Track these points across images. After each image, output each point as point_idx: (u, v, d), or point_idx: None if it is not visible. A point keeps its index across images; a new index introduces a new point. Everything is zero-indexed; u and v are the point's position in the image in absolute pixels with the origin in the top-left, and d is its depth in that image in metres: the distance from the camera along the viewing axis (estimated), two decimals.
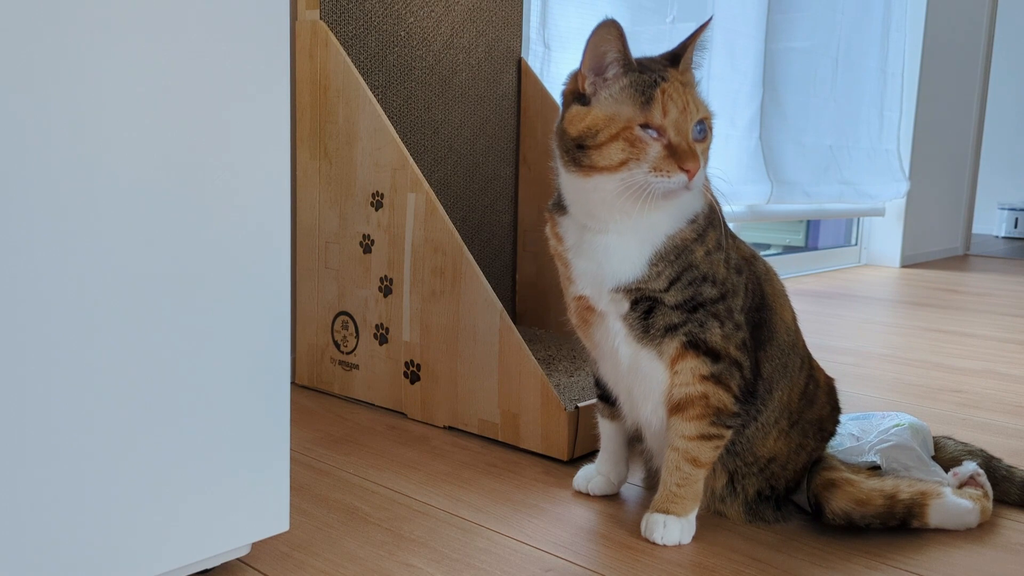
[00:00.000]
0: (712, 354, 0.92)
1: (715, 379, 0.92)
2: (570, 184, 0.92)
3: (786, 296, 1.03)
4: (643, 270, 0.91)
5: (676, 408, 0.94)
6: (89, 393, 0.68)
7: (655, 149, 0.84)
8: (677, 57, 0.90)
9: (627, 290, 0.92)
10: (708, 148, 0.89)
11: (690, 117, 0.86)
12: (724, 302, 0.92)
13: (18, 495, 0.65)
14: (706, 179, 0.95)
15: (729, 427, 0.94)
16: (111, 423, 0.70)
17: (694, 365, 0.92)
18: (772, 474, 1.00)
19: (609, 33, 0.86)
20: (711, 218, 0.93)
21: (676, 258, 0.90)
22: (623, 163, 0.85)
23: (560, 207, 0.96)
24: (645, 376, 0.95)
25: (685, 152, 0.84)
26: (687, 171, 0.84)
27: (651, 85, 0.86)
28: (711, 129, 0.90)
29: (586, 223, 0.93)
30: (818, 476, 1.00)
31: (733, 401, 0.93)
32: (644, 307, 0.92)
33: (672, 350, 0.92)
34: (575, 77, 0.90)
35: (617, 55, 0.87)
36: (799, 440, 1.01)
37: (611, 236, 0.91)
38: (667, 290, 0.91)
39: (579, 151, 0.88)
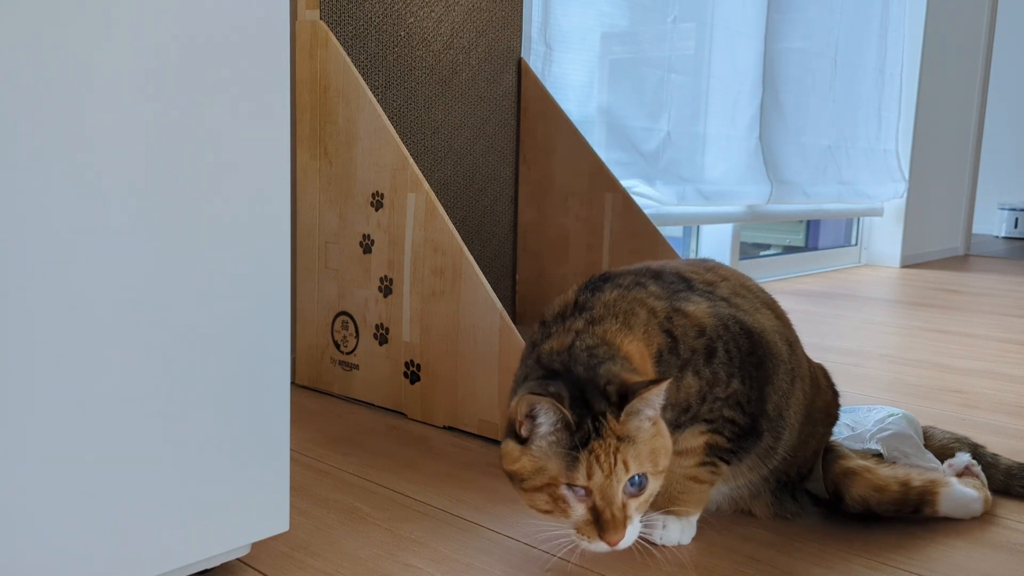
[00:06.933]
0: (706, 422, 0.93)
1: (711, 432, 0.94)
2: None
3: (773, 304, 1.04)
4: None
5: (677, 455, 0.94)
6: (89, 393, 0.68)
7: (579, 511, 0.81)
8: (624, 399, 0.81)
9: None
10: (651, 497, 0.84)
11: (617, 480, 0.80)
12: (710, 395, 0.92)
13: (18, 495, 0.65)
14: None
15: (724, 460, 0.96)
16: (111, 423, 0.70)
17: (692, 431, 0.93)
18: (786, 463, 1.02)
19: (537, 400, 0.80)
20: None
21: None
22: (549, 513, 0.83)
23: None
24: None
25: (608, 522, 0.80)
26: (609, 543, 0.81)
27: (578, 445, 0.80)
28: (658, 475, 0.84)
29: None
30: (836, 465, 1.03)
31: (726, 442, 0.95)
32: None
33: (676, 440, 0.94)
34: (513, 408, 0.84)
35: (546, 407, 0.80)
36: (809, 429, 1.02)
37: None
38: None
39: (514, 482, 0.85)
